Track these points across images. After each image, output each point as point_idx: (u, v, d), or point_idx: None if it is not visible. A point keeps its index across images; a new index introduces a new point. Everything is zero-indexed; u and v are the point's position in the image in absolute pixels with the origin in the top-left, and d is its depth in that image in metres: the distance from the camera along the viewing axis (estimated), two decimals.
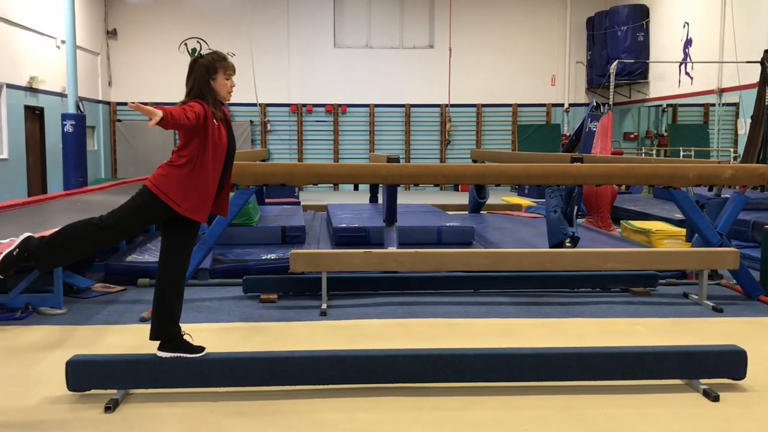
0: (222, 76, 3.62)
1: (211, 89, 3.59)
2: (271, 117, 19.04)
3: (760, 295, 5.86)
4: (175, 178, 3.46)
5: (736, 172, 5.85)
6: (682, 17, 15.79)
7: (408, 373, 3.73)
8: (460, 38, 18.88)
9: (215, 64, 3.60)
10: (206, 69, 3.58)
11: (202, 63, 3.60)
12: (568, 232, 6.75)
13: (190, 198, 3.48)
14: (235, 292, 5.99)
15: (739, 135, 13.83)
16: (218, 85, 3.61)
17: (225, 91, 3.65)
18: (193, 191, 3.48)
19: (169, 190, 3.45)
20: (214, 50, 3.69)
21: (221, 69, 3.61)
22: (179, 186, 3.45)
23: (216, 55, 3.64)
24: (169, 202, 3.45)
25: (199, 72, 3.58)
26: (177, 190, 3.45)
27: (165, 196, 3.45)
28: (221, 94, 3.63)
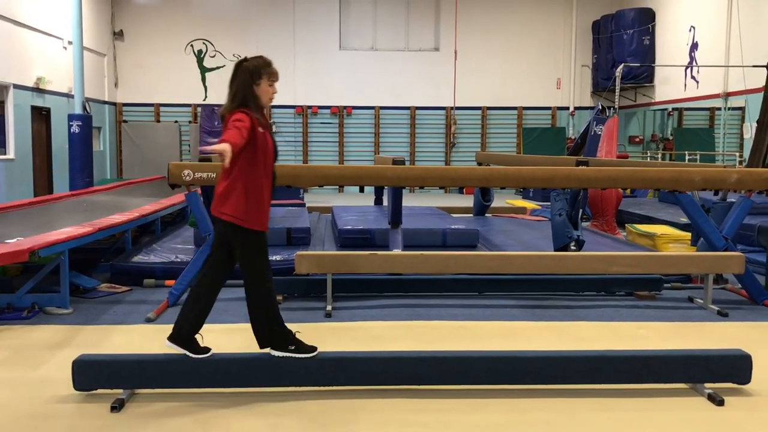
0: (266, 82, 3.60)
1: (254, 95, 3.57)
2: (276, 119, 19.07)
3: (765, 300, 5.85)
4: (235, 197, 3.50)
5: (741, 177, 5.85)
6: (688, 21, 15.77)
7: (413, 376, 3.74)
8: (466, 41, 18.89)
9: (260, 70, 3.57)
10: (251, 74, 3.55)
11: (246, 67, 3.58)
12: (573, 236, 6.75)
13: (249, 210, 3.53)
14: (240, 293, 5.93)
15: (744, 139, 13.80)
16: (261, 90, 3.58)
17: (267, 97, 3.64)
18: (252, 202, 3.52)
19: (230, 210, 3.50)
20: (260, 55, 3.68)
21: (266, 75, 3.59)
22: (238, 202, 3.50)
23: (261, 61, 3.61)
24: (235, 221, 3.51)
25: (244, 76, 3.55)
26: (237, 208, 3.50)
27: (230, 216, 3.50)
28: (263, 100, 3.62)
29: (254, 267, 3.62)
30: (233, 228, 3.53)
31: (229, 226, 3.53)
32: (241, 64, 3.59)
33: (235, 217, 3.50)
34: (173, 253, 6.91)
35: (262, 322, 3.68)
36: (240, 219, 3.50)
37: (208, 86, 18.98)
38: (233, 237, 3.57)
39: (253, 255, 3.60)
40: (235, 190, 3.50)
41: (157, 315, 5.28)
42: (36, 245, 4.91)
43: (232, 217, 3.50)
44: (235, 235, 3.56)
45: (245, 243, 3.58)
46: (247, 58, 3.61)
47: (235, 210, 3.50)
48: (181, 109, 18.93)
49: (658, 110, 18.20)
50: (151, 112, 18.97)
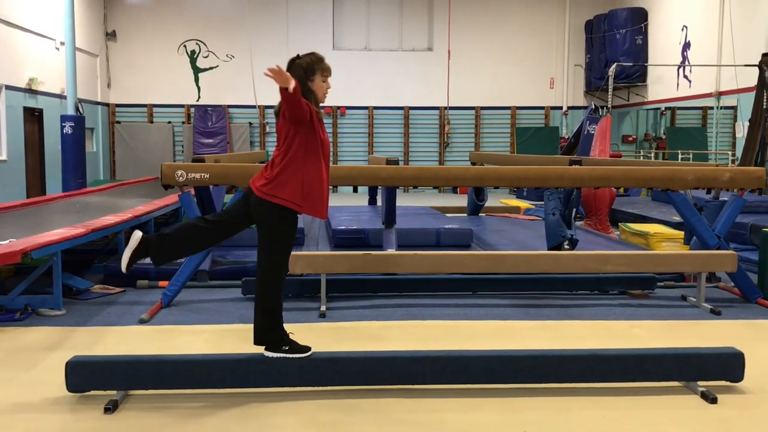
0: (320, 77, 3.60)
1: (309, 90, 3.59)
2: (270, 119, 19.05)
3: (757, 298, 5.88)
4: (289, 180, 3.48)
5: (734, 175, 5.87)
6: (680, 20, 15.82)
7: (407, 375, 3.74)
8: (459, 41, 18.91)
9: (313, 66, 3.58)
10: (304, 70, 3.57)
11: (300, 64, 3.59)
12: (567, 235, 6.77)
13: (308, 196, 3.51)
14: (234, 293, 6.00)
15: (737, 138, 13.86)
16: (316, 86, 3.60)
17: (322, 92, 3.65)
18: (310, 189, 3.51)
19: (286, 194, 3.47)
20: (312, 51, 3.68)
21: (319, 71, 3.59)
22: (295, 187, 3.48)
23: (314, 57, 3.62)
24: (290, 206, 3.48)
25: (298, 73, 3.54)
26: (294, 192, 3.47)
27: (283, 200, 3.48)
28: (318, 96, 3.63)
29: (279, 257, 3.59)
30: (285, 212, 3.49)
31: (283, 209, 3.49)
32: (294, 62, 3.59)
33: (290, 201, 3.48)
34: None
35: (265, 317, 3.65)
36: (296, 204, 3.49)
37: (201, 87, 18.95)
38: (280, 221, 3.52)
39: (284, 245, 3.58)
40: (293, 174, 3.49)
41: (151, 316, 5.27)
42: (29, 246, 4.89)
43: (287, 201, 3.48)
44: (284, 220, 3.52)
45: (290, 228, 3.54)
46: (299, 56, 3.63)
47: (291, 194, 3.48)
48: (174, 109, 18.89)
49: (651, 109, 18.26)
50: (144, 113, 18.92)
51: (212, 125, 18.52)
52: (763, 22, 12.43)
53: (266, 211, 3.52)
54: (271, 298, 3.63)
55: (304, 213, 3.54)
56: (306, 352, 3.68)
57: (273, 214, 3.51)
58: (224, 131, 18.46)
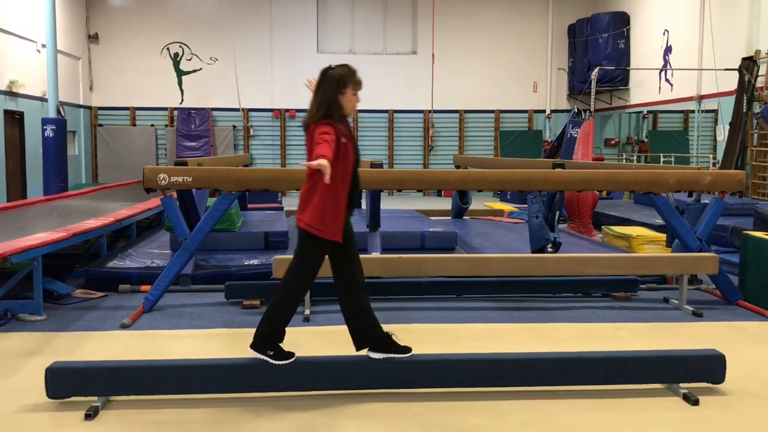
0: (351, 91, 3.60)
1: (338, 104, 3.57)
2: (254, 122, 18.98)
3: (738, 300, 5.93)
4: (314, 206, 3.54)
5: (714, 178, 5.92)
6: (661, 25, 15.96)
7: (392, 379, 3.73)
8: (443, 44, 18.95)
9: (346, 79, 3.57)
10: (337, 83, 3.56)
11: (333, 76, 3.57)
12: (550, 238, 6.80)
13: (327, 220, 3.56)
14: (217, 298, 5.96)
15: (718, 141, 13.99)
16: (346, 99, 3.59)
17: (351, 106, 3.65)
18: (329, 212, 3.55)
19: (310, 219, 3.54)
20: (345, 63, 3.68)
21: (351, 84, 3.59)
22: (317, 213, 3.54)
23: (347, 69, 3.61)
24: (313, 231, 3.54)
25: (330, 85, 3.55)
26: (315, 218, 3.54)
27: (310, 227, 3.54)
28: (347, 109, 3.63)
29: (305, 265, 3.65)
30: (308, 235, 3.57)
31: (304, 233, 3.58)
32: (326, 73, 3.58)
33: (311, 226, 3.54)
34: (149, 258, 6.84)
35: (267, 317, 3.67)
36: (316, 228, 3.54)
37: (184, 89, 18.83)
38: (304, 241, 3.61)
39: (312, 257, 3.65)
40: (313, 200, 3.55)
41: (133, 321, 5.22)
42: (8, 251, 4.83)
43: (308, 225, 3.55)
44: (306, 241, 3.60)
45: (312, 249, 3.62)
46: (332, 66, 3.62)
47: (312, 219, 3.54)
48: (157, 112, 18.76)
49: (633, 113, 18.40)
50: (126, 116, 18.79)
51: (195, 128, 18.42)
52: (743, 26, 12.57)
53: (299, 233, 3.63)
54: (284, 300, 3.66)
55: (324, 237, 3.57)
56: (290, 358, 3.66)
57: (301, 234, 3.62)
58: (208, 134, 18.36)
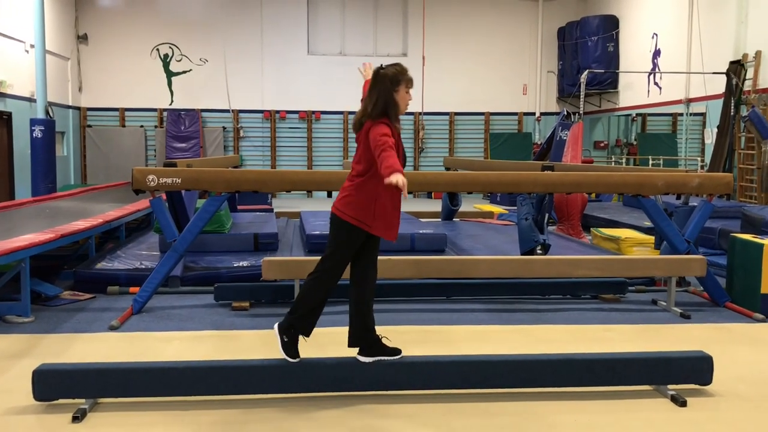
0: (404, 88, 3.64)
1: (394, 102, 3.61)
2: (243, 123, 18.94)
3: (726, 302, 5.96)
4: (362, 201, 3.56)
5: (702, 181, 5.96)
6: (650, 28, 16.05)
7: (381, 381, 3.73)
8: (434, 46, 18.98)
9: (399, 77, 3.62)
10: (390, 81, 3.60)
11: (386, 74, 3.61)
12: (539, 240, 6.82)
13: (379, 218, 3.58)
14: (206, 299, 5.94)
15: (706, 144, 14.08)
16: (399, 97, 3.63)
17: (405, 103, 3.67)
18: (382, 211, 3.58)
19: (358, 214, 3.55)
20: (397, 62, 3.69)
21: (404, 82, 3.63)
22: (367, 208, 3.56)
23: (400, 68, 3.65)
24: (362, 226, 3.56)
25: (384, 84, 3.59)
26: (366, 213, 3.56)
27: (356, 221, 3.56)
28: (401, 106, 3.67)
29: (337, 259, 3.66)
30: (353, 228, 3.58)
31: (351, 227, 3.58)
32: (379, 72, 3.62)
33: (361, 222, 3.56)
34: (138, 260, 6.81)
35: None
36: (365, 224, 3.57)
37: (174, 90, 18.77)
38: (347, 234, 3.61)
39: (345, 252, 3.65)
40: (365, 194, 3.57)
41: (121, 323, 5.20)
42: None
43: (359, 221, 3.57)
44: (342, 230, 3.61)
45: (344, 239, 3.62)
46: (383, 66, 3.67)
47: (364, 215, 3.56)
48: (146, 113, 18.69)
49: (623, 116, 18.48)
50: (116, 117, 18.70)
51: (185, 129, 18.36)
52: (731, 30, 12.66)
53: (335, 223, 3.63)
54: (313, 294, 3.69)
55: (375, 233, 3.61)
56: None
57: (341, 227, 3.61)
58: (197, 135, 18.31)
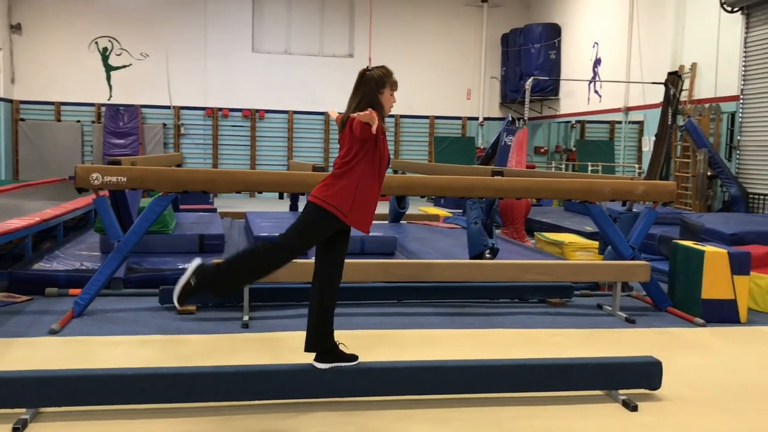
0: (389, 90, 3.67)
1: (379, 104, 3.61)
2: (185, 120, 18.54)
3: (668, 307, 6.13)
4: (342, 189, 3.53)
5: (647, 188, 6.11)
6: (592, 38, 16.45)
7: (336, 388, 3.67)
8: (380, 49, 18.97)
9: (384, 79, 3.64)
10: (376, 83, 3.62)
11: (372, 76, 3.63)
12: (488, 244, 6.87)
13: (357, 209, 3.55)
14: (151, 302, 5.75)
15: (643, 152, 14.51)
16: (384, 99, 3.65)
17: (389, 106, 3.69)
18: (360, 202, 3.56)
19: (335, 201, 3.52)
20: (382, 65, 3.73)
21: (389, 84, 3.66)
22: (346, 197, 3.52)
23: (385, 70, 3.69)
24: (337, 213, 3.52)
25: (370, 86, 3.61)
26: (343, 201, 3.52)
27: (332, 207, 3.52)
28: (385, 109, 3.66)
29: (294, 238, 3.60)
30: (330, 217, 3.53)
31: (328, 215, 3.52)
32: (364, 74, 3.64)
33: (337, 209, 3.51)
34: (78, 260, 6.56)
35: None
36: (342, 213, 3.52)
37: (113, 85, 18.22)
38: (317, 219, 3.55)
39: (308, 233, 3.60)
40: (345, 183, 3.54)
41: (62, 326, 4.98)
42: None
43: (335, 209, 3.51)
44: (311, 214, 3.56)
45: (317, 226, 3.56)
46: (369, 68, 3.66)
47: (338, 202, 3.52)
48: (83, 108, 18.08)
49: (562, 122, 18.89)
50: (51, 111, 18.02)
51: (124, 125, 17.85)
52: (669, 41, 13.08)
53: (308, 207, 3.58)
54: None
55: (349, 224, 3.59)
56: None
57: (314, 210, 3.55)
58: (136, 132, 17.82)
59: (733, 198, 10.92)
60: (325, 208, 3.54)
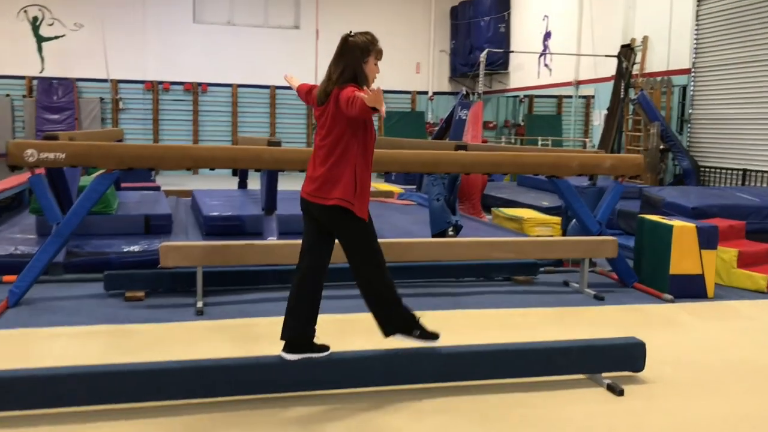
0: (373, 60, 3.36)
1: (363, 73, 3.32)
2: (123, 94, 17.70)
3: (634, 282, 6.02)
4: (343, 179, 3.24)
5: (615, 162, 5.97)
6: (541, 10, 16.31)
7: (305, 381, 3.38)
8: (328, 20, 18.46)
9: (369, 47, 3.34)
10: (361, 51, 3.31)
11: (356, 43, 3.31)
12: (452, 221, 6.65)
13: (360, 195, 3.28)
14: (94, 289, 5.32)
15: (594, 126, 14.52)
16: (369, 68, 3.35)
17: (373, 76, 3.38)
18: (361, 187, 3.28)
19: (342, 194, 3.24)
20: (366, 31, 3.40)
21: (374, 52, 3.36)
22: (349, 185, 3.25)
23: (370, 37, 3.38)
24: (343, 204, 3.25)
25: (354, 54, 3.30)
26: (348, 191, 3.25)
27: (343, 201, 3.24)
28: (369, 79, 3.33)
29: (369, 249, 3.39)
30: (342, 212, 3.26)
31: (337, 210, 3.25)
32: (347, 40, 3.33)
33: (346, 201, 3.24)
34: (12, 244, 6.04)
35: (385, 308, 3.41)
36: (349, 202, 3.25)
37: (45, 57, 17.22)
38: (339, 223, 3.31)
39: (366, 237, 3.38)
40: (344, 174, 3.25)
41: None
42: None
43: (342, 200, 3.23)
44: (343, 221, 3.30)
45: (353, 226, 3.33)
46: (352, 33, 3.35)
47: (344, 194, 3.23)
48: (13, 81, 17.03)
49: (511, 97, 18.80)
50: None
51: (58, 100, 16.91)
52: (620, 14, 13.02)
53: (328, 216, 3.31)
54: (381, 286, 3.42)
55: (356, 213, 3.29)
56: (436, 338, 3.46)
57: (336, 217, 3.27)
58: (72, 107, 16.91)
59: (685, 171, 10.98)
60: (341, 206, 3.26)
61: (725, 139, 10.52)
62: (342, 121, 3.24)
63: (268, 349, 3.98)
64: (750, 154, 9.96)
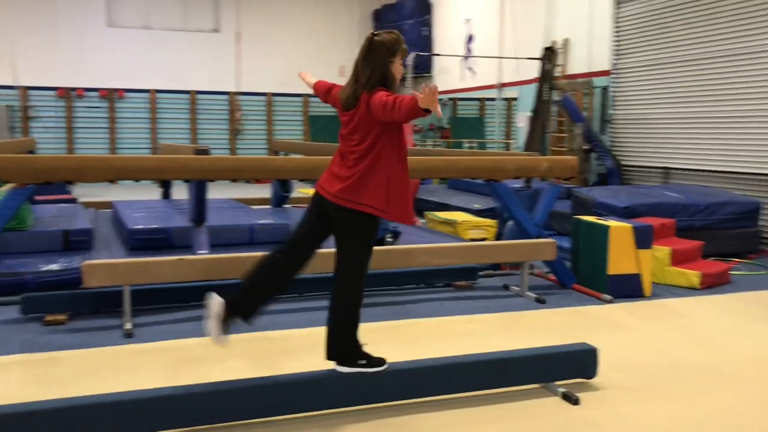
0: (399, 59, 3.21)
1: (391, 75, 3.17)
2: (34, 102, 16.78)
3: (573, 284, 6.04)
4: (375, 184, 3.11)
5: (551, 165, 5.97)
6: (463, 14, 16.44)
7: (257, 408, 3.16)
8: (248, 24, 18.08)
9: (396, 46, 3.18)
10: (388, 50, 3.16)
11: (383, 43, 3.16)
12: (390, 227, 6.51)
13: (394, 201, 3.14)
14: (9, 313, 4.91)
15: (518, 128, 14.70)
16: (395, 69, 3.20)
17: (399, 76, 3.24)
18: (396, 192, 3.14)
19: (372, 200, 3.11)
20: (391, 30, 3.24)
21: (399, 52, 3.21)
22: (380, 191, 3.11)
23: (396, 36, 3.22)
24: (378, 213, 3.13)
25: (381, 53, 3.15)
26: (380, 197, 3.11)
27: (371, 208, 3.12)
28: (396, 81, 3.22)
29: (362, 265, 3.26)
30: (368, 220, 3.15)
31: (365, 217, 3.13)
32: (373, 40, 3.17)
33: (377, 209, 3.12)
34: None
35: (342, 328, 3.25)
36: (382, 211, 3.13)
37: None
38: (358, 229, 3.17)
39: (368, 253, 3.26)
40: (378, 181, 3.11)
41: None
42: None
43: (374, 208, 3.11)
44: (361, 228, 3.17)
45: (368, 235, 3.21)
46: (377, 33, 3.21)
47: (377, 201, 3.11)
48: None
49: None
50: None
51: None
52: (541, 17, 13.24)
53: (349, 220, 3.16)
54: (351, 307, 3.31)
55: (391, 219, 3.23)
56: (382, 365, 3.31)
57: (357, 223, 3.16)
58: None
59: (609, 171, 11.22)
60: (365, 212, 3.12)
61: (646, 139, 10.81)
62: (375, 125, 3.10)
63: (205, 373, 3.75)
64: (671, 152, 10.26)
